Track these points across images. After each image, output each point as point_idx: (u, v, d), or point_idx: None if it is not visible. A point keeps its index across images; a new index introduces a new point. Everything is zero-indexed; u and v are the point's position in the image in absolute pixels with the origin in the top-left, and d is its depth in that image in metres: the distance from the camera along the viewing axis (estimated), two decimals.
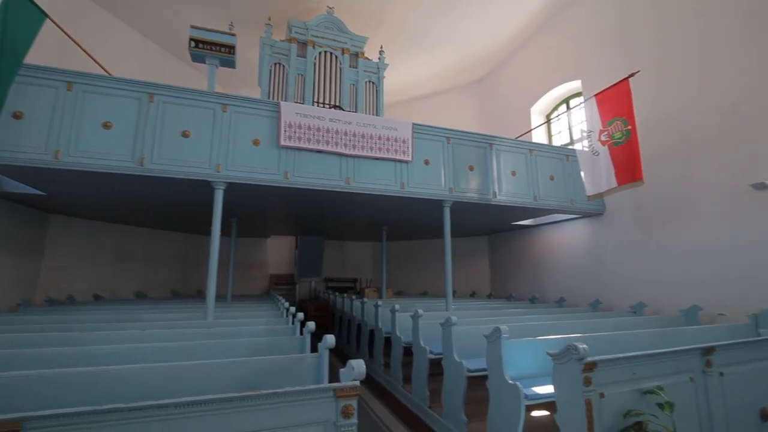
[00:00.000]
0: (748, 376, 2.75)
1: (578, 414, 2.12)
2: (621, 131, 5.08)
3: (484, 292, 10.01)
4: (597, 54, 7.31)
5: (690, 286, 5.37)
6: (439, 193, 5.59)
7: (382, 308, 5.69)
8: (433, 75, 10.85)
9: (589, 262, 7.11)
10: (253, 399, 1.64)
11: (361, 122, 5.31)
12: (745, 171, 4.90)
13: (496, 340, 2.85)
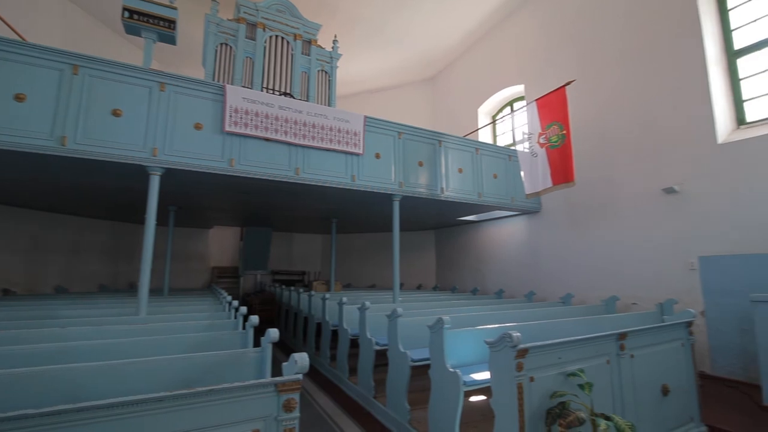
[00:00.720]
0: (653, 357, 3.13)
1: (510, 397, 2.28)
2: (557, 135, 5.48)
3: (430, 284, 10.34)
4: (539, 61, 7.78)
5: (610, 279, 5.97)
6: (389, 187, 5.65)
7: (330, 301, 5.67)
8: (386, 69, 10.90)
9: (526, 257, 7.62)
10: (189, 397, 1.57)
11: (313, 112, 5.20)
12: (658, 177, 5.52)
13: (439, 330, 2.97)
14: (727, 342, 4.64)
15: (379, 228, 10.11)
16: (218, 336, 2.98)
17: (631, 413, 2.83)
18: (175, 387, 2.09)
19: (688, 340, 3.45)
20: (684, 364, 3.36)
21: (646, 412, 2.94)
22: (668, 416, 3.11)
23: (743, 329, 4.37)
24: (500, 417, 2.35)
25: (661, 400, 3.09)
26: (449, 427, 2.81)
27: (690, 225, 5.15)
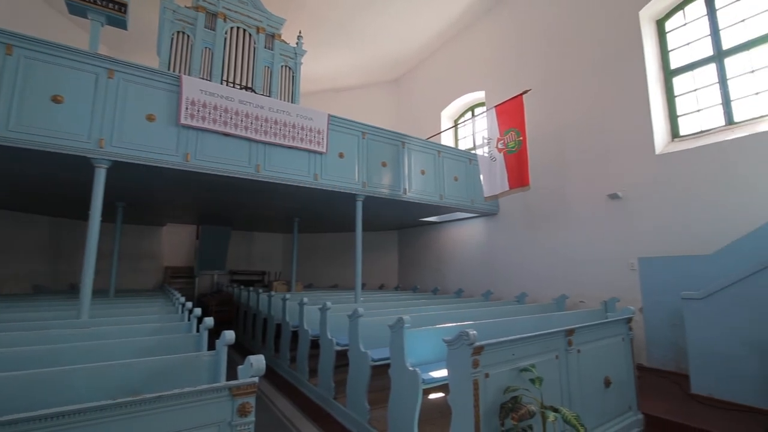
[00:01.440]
0: (597, 352, 3.35)
1: (467, 393, 2.35)
2: (514, 141, 5.72)
3: (392, 284, 10.43)
4: (499, 69, 8.09)
5: (561, 278, 6.33)
6: (352, 187, 5.64)
7: (291, 301, 5.56)
8: (352, 69, 10.87)
9: (484, 257, 7.89)
10: (134, 405, 1.48)
11: (275, 108, 5.08)
12: (605, 183, 5.93)
13: (399, 329, 3.01)
14: (661, 336, 5.06)
15: (342, 228, 10.06)
16: (169, 339, 2.84)
17: (577, 404, 3.01)
18: (121, 395, 1.96)
19: (627, 335, 3.72)
20: (624, 357, 3.62)
21: (590, 403, 3.14)
22: (609, 406, 3.34)
23: (675, 324, 4.79)
24: (457, 413, 2.41)
25: (603, 392, 3.31)
26: (408, 425, 2.86)
27: (631, 228, 5.56)
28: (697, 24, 5.51)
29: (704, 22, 5.43)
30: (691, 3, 5.58)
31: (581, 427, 2.31)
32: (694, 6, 5.57)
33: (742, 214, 4.51)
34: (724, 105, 5.14)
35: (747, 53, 5.01)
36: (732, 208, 4.63)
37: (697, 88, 5.45)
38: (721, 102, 5.17)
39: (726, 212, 4.68)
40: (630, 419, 3.48)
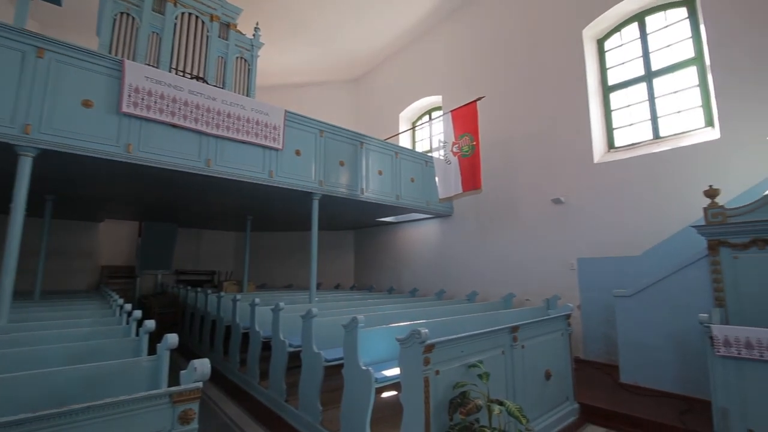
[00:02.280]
0: (539, 347, 3.56)
1: (418, 391, 2.41)
2: (468, 145, 5.94)
3: (348, 284, 10.40)
4: (456, 75, 8.34)
5: (509, 277, 6.66)
6: (308, 185, 5.55)
7: (242, 302, 5.37)
8: (311, 65, 10.70)
9: (438, 257, 8.10)
10: (59, 418, 1.36)
11: (228, 100, 4.88)
12: (550, 188, 6.32)
13: (353, 329, 3.01)
14: (596, 331, 5.49)
15: (297, 226, 9.86)
16: (105, 345, 2.63)
17: (521, 397, 3.18)
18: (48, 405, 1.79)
19: (566, 330, 4.00)
20: (563, 351, 3.89)
21: (532, 395, 3.34)
22: (549, 397, 3.57)
23: (608, 320, 5.21)
24: (408, 410, 2.46)
25: (544, 384, 3.53)
26: (360, 424, 2.87)
27: (572, 231, 5.98)
28: (632, 46, 6.05)
29: (637, 45, 5.96)
30: (627, 26, 6.11)
31: (523, 419, 2.45)
32: (629, 29, 6.10)
33: (665, 219, 5.01)
34: (652, 121, 5.68)
35: (672, 75, 5.57)
36: (657, 213, 5.13)
37: (630, 104, 5.97)
38: (649, 118, 5.71)
39: (652, 217, 5.17)
40: (567, 408, 3.75)
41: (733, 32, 4.80)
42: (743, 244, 3.59)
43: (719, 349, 3.11)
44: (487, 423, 2.46)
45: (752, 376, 2.99)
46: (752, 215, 3.55)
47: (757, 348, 2.96)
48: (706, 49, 5.06)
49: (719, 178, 4.37)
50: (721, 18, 4.93)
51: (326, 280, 10.33)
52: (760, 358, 2.94)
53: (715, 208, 3.74)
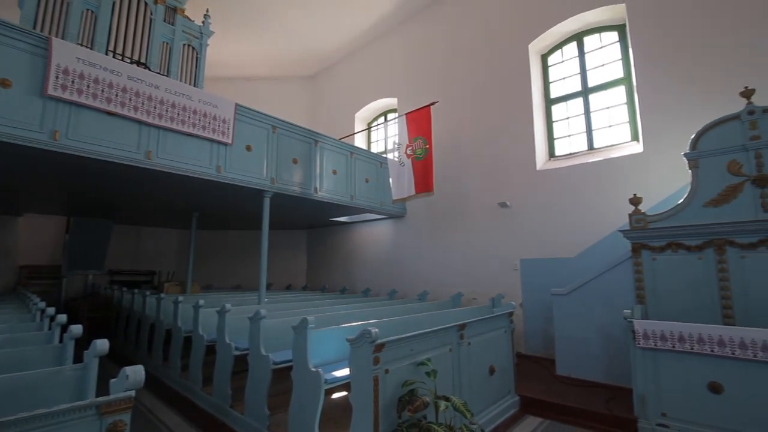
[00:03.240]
0: (484, 343, 3.74)
1: (367, 390, 2.43)
2: (422, 148, 6.08)
3: (300, 284, 10.19)
4: (411, 79, 8.50)
5: (458, 277, 6.90)
6: (259, 182, 5.38)
7: (184, 304, 5.07)
8: (266, 59, 10.35)
9: (391, 257, 8.20)
10: None
11: (173, 89, 4.59)
12: (497, 193, 6.64)
13: (303, 330, 2.96)
14: (536, 327, 5.86)
15: (247, 225, 9.50)
16: (22, 353, 2.37)
17: (467, 392, 3.31)
18: None
19: (509, 327, 4.23)
20: (506, 347, 4.10)
21: (477, 390, 3.49)
22: (493, 391, 3.76)
23: (546, 317, 5.58)
24: (357, 409, 2.47)
25: (488, 379, 3.71)
26: (309, 427, 2.83)
27: (516, 233, 6.33)
28: (571, 63, 6.53)
29: (576, 62, 6.45)
30: (568, 44, 6.59)
31: (468, 413, 2.55)
32: (570, 47, 6.58)
33: (598, 223, 5.46)
34: (587, 133, 6.18)
35: (605, 92, 6.09)
36: (591, 218, 5.58)
37: (570, 116, 6.45)
38: (585, 130, 6.21)
39: (586, 221, 5.61)
40: (509, 401, 3.96)
41: (656, 56, 5.36)
42: (660, 247, 4.01)
43: (639, 342, 3.46)
44: (434, 419, 2.53)
45: (666, 365, 3.35)
46: (668, 221, 3.98)
47: (670, 340, 3.32)
48: (633, 71, 5.59)
49: (643, 187, 4.85)
50: (646, 43, 5.47)
51: (277, 281, 10.05)
52: (672, 348, 3.31)
53: (638, 215, 4.15)
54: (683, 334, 3.26)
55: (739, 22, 4.78)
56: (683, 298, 3.84)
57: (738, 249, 3.62)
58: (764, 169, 3.56)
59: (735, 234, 3.63)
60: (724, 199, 3.72)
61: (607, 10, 5.97)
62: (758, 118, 3.62)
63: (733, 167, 3.71)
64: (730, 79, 4.53)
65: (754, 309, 3.49)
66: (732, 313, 3.58)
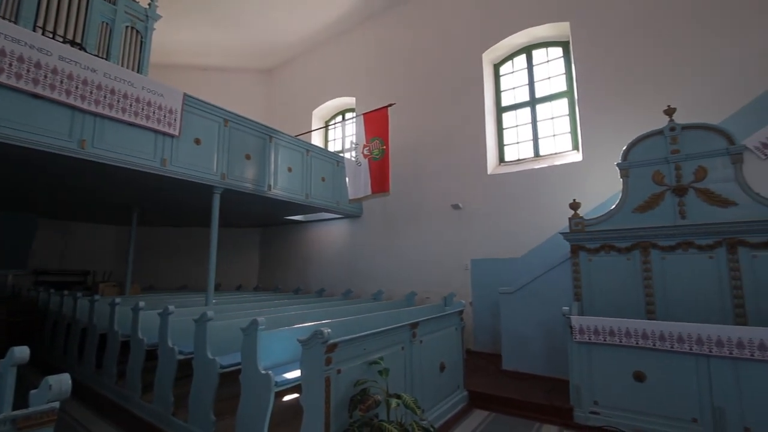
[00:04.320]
0: (435, 341, 3.84)
1: (319, 391, 2.41)
2: (378, 149, 6.12)
3: (252, 284, 9.85)
4: (369, 79, 8.53)
5: (412, 277, 7.03)
6: (209, 178, 5.13)
7: (122, 306, 4.71)
8: (220, 49, 9.87)
9: (347, 257, 8.17)
10: None
11: (113, 74, 4.25)
12: (450, 195, 6.85)
13: (253, 332, 2.87)
14: (485, 324, 6.11)
15: (195, 222, 9.01)
16: None
17: (418, 389, 3.39)
18: None
19: (459, 325, 4.38)
20: (456, 344, 4.24)
21: (428, 387, 3.58)
22: (443, 387, 3.87)
23: (494, 314, 5.84)
24: (308, 411, 2.44)
25: (439, 375, 3.81)
26: (258, 431, 2.74)
27: (467, 234, 6.57)
28: (521, 74, 6.89)
29: (525, 74, 6.82)
30: (518, 56, 6.95)
31: (418, 410, 2.61)
32: (520, 59, 6.94)
33: (542, 225, 5.81)
34: (534, 141, 6.56)
35: (550, 104, 6.50)
36: (536, 220, 5.92)
37: (518, 124, 6.81)
38: (532, 138, 6.58)
39: (532, 224, 5.95)
40: (458, 396, 4.10)
41: (595, 73, 5.81)
42: (595, 249, 4.36)
43: (576, 336, 3.73)
44: (385, 417, 2.56)
45: (597, 357, 3.65)
46: (602, 225, 4.34)
47: (602, 334, 3.62)
48: (575, 85, 6.02)
49: (582, 193, 5.24)
50: (586, 60, 5.91)
51: (227, 281, 9.64)
52: (604, 342, 3.61)
53: (576, 219, 4.47)
54: (613, 328, 3.57)
55: (667, 46, 5.31)
56: (614, 296, 4.20)
57: (660, 251, 4.02)
58: (682, 180, 3.99)
59: (657, 237, 4.03)
60: (649, 206, 4.12)
61: (553, 26, 6.37)
62: (678, 134, 4.05)
63: (657, 177, 4.12)
64: (658, 96, 5.02)
65: (672, 304, 3.90)
66: (654, 309, 3.97)
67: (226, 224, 9.18)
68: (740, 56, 4.84)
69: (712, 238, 3.79)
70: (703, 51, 5.07)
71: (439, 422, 3.61)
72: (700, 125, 4.01)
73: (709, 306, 3.74)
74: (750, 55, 4.77)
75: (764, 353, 2.96)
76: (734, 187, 3.76)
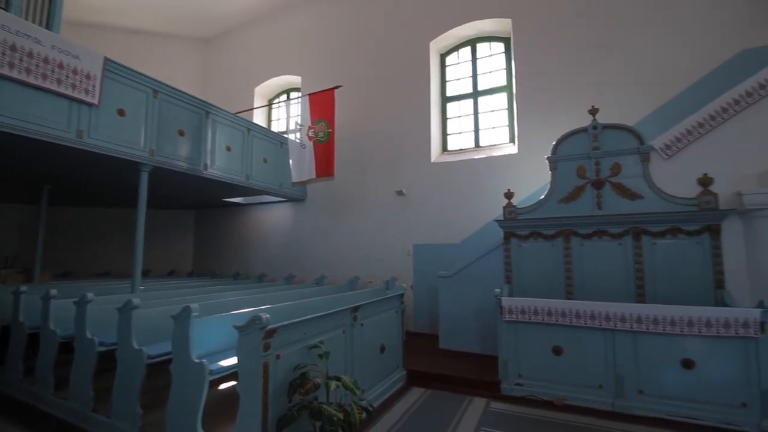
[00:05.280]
0: (376, 324, 3.93)
1: (256, 377, 2.36)
2: (324, 132, 5.99)
3: (186, 270, 9.28)
4: (317, 59, 8.26)
5: (356, 261, 7.09)
6: (135, 154, 4.68)
7: (29, 295, 4.20)
8: (151, 10, 8.86)
9: (289, 241, 8.00)
10: None
11: (13, 28, 3.66)
12: (394, 181, 6.95)
13: (185, 319, 2.72)
14: (425, 307, 6.37)
15: (120, 202, 8.21)
16: None
17: (358, 371, 3.46)
18: None
19: (400, 308, 4.52)
20: (396, 326, 4.38)
21: (368, 368, 3.67)
22: (383, 368, 4.00)
23: (433, 297, 6.10)
24: (245, 398, 2.39)
25: (379, 357, 3.92)
26: (191, 422, 2.64)
27: (410, 220, 6.75)
28: (466, 65, 7.10)
29: (469, 66, 7.04)
30: (463, 48, 7.13)
31: (357, 390, 2.68)
32: (465, 51, 7.13)
33: (480, 213, 6.12)
34: (475, 132, 6.84)
35: (491, 97, 6.80)
36: (474, 208, 6.23)
37: (461, 115, 7.04)
38: (473, 129, 6.86)
39: (470, 211, 6.25)
40: (397, 376, 4.26)
41: (531, 70, 6.16)
42: (525, 236, 4.71)
43: (505, 316, 4.04)
44: (325, 399, 2.59)
45: (522, 335, 3.98)
46: (531, 214, 4.69)
47: (527, 313, 3.95)
48: (514, 80, 6.34)
49: (516, 183, 5.60)
50: (525, 57, 6.24)
51: (158, 267, 8.98)
52: (529, 320, 3.94)
53: (510, 207, 4.79)
54: (537, 307, 3.91)
55: (597, 50, 5.77)
56: (540, 278, 4.59)
57: (579, 238, 4.45)
58: (601, 174, 4.42)
59: (578, 226, 4.45)
60: (573, 197, 4.53)
61: (496, 22, 6.62)
62: (599, 133, 4.47)
63: (580, 171, 4.52)
64: (587, 96, 5.46)
65: (587, 286, 4.36)
66: (573, 290, 4.41)
67: (156, 205, 8.50)
68: (654, 65, 5.42)
69: (621, 227, 4.27)
70: (626, 57, 5.59)
71: (378, 401, 3.73)
72: (617, 125, 4.45)
73: (617, 287, 4.23)
74: (664, 63, 5.36)
75: (656, 326, 3.44)
76: (641, 183, 4.25)
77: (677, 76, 5.19)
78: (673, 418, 3.32)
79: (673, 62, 5.31)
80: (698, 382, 3.31)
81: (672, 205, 4.07)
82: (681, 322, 3.37)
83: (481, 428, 3.25)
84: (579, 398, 3.67)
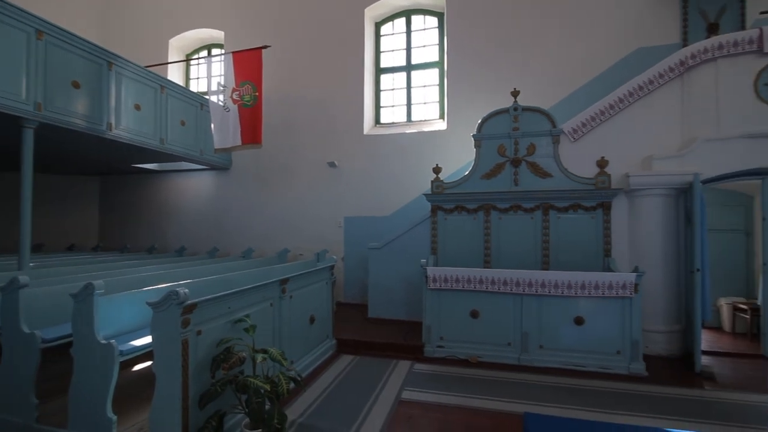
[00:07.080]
0: (305, 295, 3.93)
1: (174, 355, 2.24)
2: (250, 95, 5.57)
3: (90, 244, 8.27)
4: (242, 15, 7.57)
5: (286, 233, 6.93)
6: (15, 107, 3.93)
7: None
8: None
9: (213, 213, 7.51)
10: None
11: None
12: (326, 152, 6.81)
13: (87, 298, 2.45)
14: (355, 278, 6.50)
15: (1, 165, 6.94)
16: None
17: (287, 342, 3.46)
18: None
19: (330, 279, 4.55)
20: (326, 297, 4.42)
21: (298, 338, 3.69)
22: (313, 338, 4.04)
23: (363, 268, 6.24)
24: (161, 378, 2.27)
25: (309, 328, 3.95)
26: (100, 406, 2.44)
27: (342, 192, 6.72)
28: (400, 37, 7.04)
29: (404, 38, 6.99)
30: (399, 18, 7.04)
31: (285, 361, 2.69)
32: (400, 22, 7.05)
33: (410, 186, 6.30)
34: (407, 106, 6.91)
35: (424, 72, 6.87)
36: (405, 182, 6.38)
37: (395, 88, 7.04)
38: (406, 103, 6.92)
39: (401, 184, 6.40)
40: (327, 345, 4.35)
41: (464, 47, 6.32)
42: (450, 209, 4.98)
43: (430, 284, 4.29)
44: (251, 372, 2.56)
45: (445, 301, 4.28)
46: (457, 188, 4.95)
47: (449, 281, 4.24)
48: (445, 56, 6.46)
49: (444, 159, 5.82)
50: (457, 34, 6.37)
51: (54, 241, 7.86)
52: (450, 288, 4.24)
53: (437, 182, 4.99)
54: (458, 276, 4.21)
55: (524, 33, 6.08)
56: (463, 250, 4.92)
57: (498, 212, 4.82)
58: (518, 153, 4.78)
59: (497, 201, 4.81)
60: (493, 174, 4.86)
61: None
62: (519, 114, 4.79)
63: (501, 150, 4.84)
64: (513, 76, 5.77)
65: (503, 256, 4.78)
66: (490, 259, 4.81)
67: (49, 170, 7.36)
68: (568, 54, 5.88)
69: (534, 202, 4.71)
70: (546, 44, 5.98)
71: (308, 371, 3.79)
72: (533, 108, 4.81)
73: (527, 256, 4.71)
74: (577, 54, 5.84)
75: (557, 290, 3.93)
76: (552, 163, 4.69)
77: (587, 67, 5.72)
78: (566, 367, 3.89)
79: (584, 53, 5.81)
80: (586, 335, 3.89)
81: (575, 184, 4.58)
82: (576, 286, 3.88)
83: (405, 388, 3.48)
84: (491, 355, 4.10)
